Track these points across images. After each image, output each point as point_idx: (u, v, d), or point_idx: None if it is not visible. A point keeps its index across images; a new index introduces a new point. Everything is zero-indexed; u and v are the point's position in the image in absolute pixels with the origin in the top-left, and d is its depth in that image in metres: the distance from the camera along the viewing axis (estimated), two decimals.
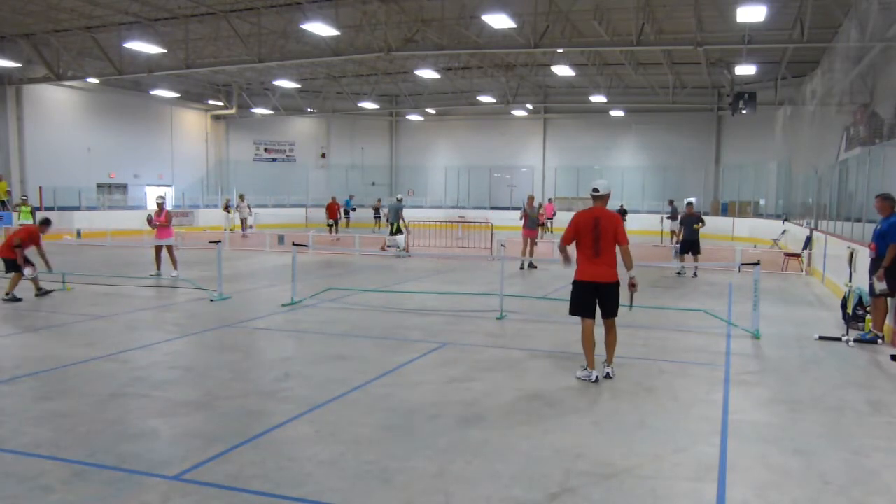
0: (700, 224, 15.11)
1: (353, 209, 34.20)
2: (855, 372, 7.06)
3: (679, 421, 5.39)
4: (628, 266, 6.39)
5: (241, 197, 27.93)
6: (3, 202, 24.56)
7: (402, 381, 6.41)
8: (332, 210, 27.37)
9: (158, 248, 14.03)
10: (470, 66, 29.26)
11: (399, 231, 19.22)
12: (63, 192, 27.61)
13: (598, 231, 6.37)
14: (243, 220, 27.23)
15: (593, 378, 6.38)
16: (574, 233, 6.50)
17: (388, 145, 40.49)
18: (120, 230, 24.96)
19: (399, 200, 19.96)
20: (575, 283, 6.56)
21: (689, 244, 14.90)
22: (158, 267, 13.98)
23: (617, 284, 6.50)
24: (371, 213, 33.89)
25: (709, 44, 20.42)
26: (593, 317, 6.50)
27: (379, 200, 34.96)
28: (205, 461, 4.44)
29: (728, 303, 11.45)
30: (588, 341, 6.44)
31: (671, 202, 25.13)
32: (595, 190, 6.60)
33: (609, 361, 6.62)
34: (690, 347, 8.10)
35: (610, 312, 6.51)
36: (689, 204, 15.79)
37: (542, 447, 4.76)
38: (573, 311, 6.58)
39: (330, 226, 27.18)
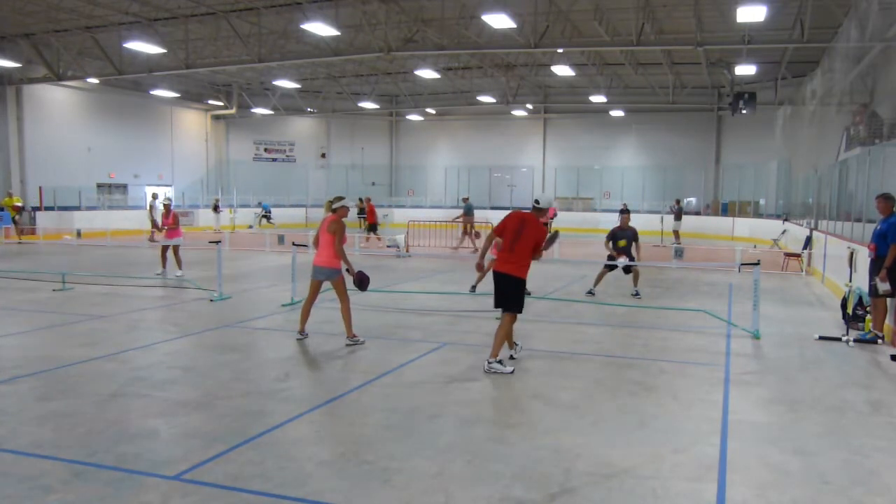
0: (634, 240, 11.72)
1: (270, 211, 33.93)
2: (855, 372, 7.05)
3: (679, 421, 5.39)
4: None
5: (154, 196, 26.03)
6: (12, 218, 24.45)
7: (402, 381, 6.41)
8: (466, 223, 21.00)
9: (165, 248, 14.18)
10: (470, 66, 29.24)
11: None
12: (63, 192, 27.61)
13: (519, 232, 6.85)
14: (153, 222, 25.47)
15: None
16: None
17: (388, 145, 40.47)
18: (120, 230, 24.97)
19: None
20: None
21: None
22: (164, 266, 14.17)
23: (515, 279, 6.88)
24: (355, 212, 33.80)
25: (709, 44, 20.41)
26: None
27: (360, 200, 34.85)
28: (205, 461, 4.44)
29: (728, 303, 11.44)
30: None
31: (678, 202, 24.87)
32: (536, 202, 7.01)
33: (493, 355, 6.80)
34: (690, 347, 8.10)
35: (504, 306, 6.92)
36: (625, 213, 12.10)
37: (542, 447, 4.76)
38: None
39: (466, 233, 20.70)
